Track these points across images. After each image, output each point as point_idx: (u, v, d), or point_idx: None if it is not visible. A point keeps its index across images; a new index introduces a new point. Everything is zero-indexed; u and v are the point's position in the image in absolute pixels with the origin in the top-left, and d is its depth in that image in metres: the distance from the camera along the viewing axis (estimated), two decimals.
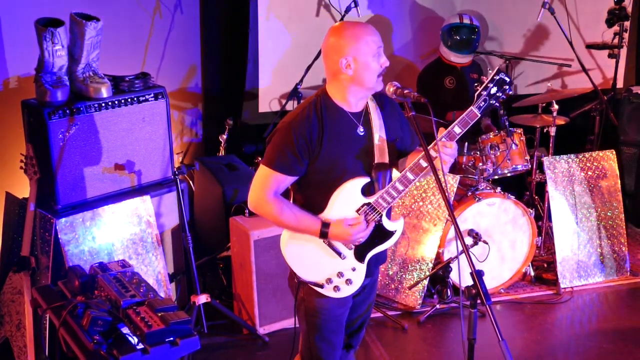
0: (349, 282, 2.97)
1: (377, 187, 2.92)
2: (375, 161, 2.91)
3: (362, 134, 2.89)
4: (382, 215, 2.92)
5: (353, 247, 2.95)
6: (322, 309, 3.00)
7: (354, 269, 2.97)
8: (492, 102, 2.87)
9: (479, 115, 2.87)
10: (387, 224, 2.97)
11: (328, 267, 2.96)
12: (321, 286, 2.96)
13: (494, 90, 2.86)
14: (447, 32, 5.48)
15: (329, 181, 2.88)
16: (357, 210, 2.90)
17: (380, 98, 2.96)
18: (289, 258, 3.00)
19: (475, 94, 2.89)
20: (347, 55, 2.79)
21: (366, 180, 2.89)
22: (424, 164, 2.83)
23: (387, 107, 2.97)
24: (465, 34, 5.44)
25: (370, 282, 3.13)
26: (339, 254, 2.94)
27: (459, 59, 5.47)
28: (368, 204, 2.90)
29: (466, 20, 5.44)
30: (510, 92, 2.94)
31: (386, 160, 2.93)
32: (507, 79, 2.87)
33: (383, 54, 2.84)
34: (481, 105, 2.86)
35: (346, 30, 2.83)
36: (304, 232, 2.91)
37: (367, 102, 2.92)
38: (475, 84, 4.95)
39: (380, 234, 2.96)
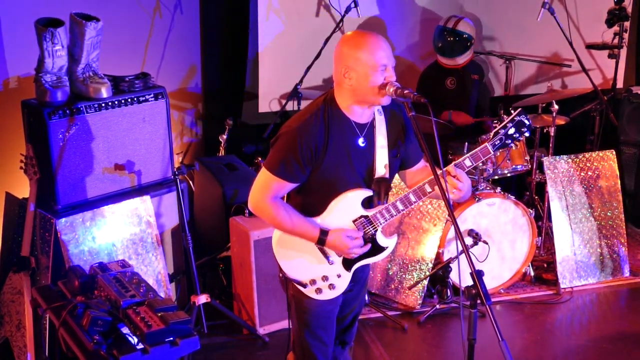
0: (332, 287, 2.97)
1: (376, 201, 2.91)
2: (376, 175, 2.89)
3: (363, 145, 2.86)
4: (377, 229, 2.92)
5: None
6: (311, 307, 3.00)
7: (339, 276, 2.97)
8: (508, 142, 2.87)
9: (492, 153, 2.86)
10: (381, 240, 2.96)
11: (314, 269, 2.95)
12: (304, 286, 2.97)
13: (511, 130, 2.86)
14: (435, 34, 5.49)
15: (328, 189, 2.86)
16: (354, 221, 2.90)
17: (387, 108, 2.89)
18: (277, 253, 3.00)
19: (492, 132, 2.88)
20: (347, 64, 2.74)
21: (369, 193, 2.88)
22: (429, 189, 2.83)
23: (393, 119, 2.92)
24: (449, 37, 5.42)
25: (359, 282, 3.13)
26: (327, 258, 2.94)
27: (446, 61, 5.47)
28: (366, 217, 2.89)
29: (450, 25, 5.42)
30: (528, 135, 2.92)
31: (387, 175, 2.91)
32: (527, 122, 2.86)
33: (391, 71, 2.76)
34: (496, 143, 2.86)
35: (352, 39, 2.79)
36: (301, 237, 2.91)
37: (374, 114, 2.88)
38: (495, 121, 4.99)
39: (372, 248, 2.95)
